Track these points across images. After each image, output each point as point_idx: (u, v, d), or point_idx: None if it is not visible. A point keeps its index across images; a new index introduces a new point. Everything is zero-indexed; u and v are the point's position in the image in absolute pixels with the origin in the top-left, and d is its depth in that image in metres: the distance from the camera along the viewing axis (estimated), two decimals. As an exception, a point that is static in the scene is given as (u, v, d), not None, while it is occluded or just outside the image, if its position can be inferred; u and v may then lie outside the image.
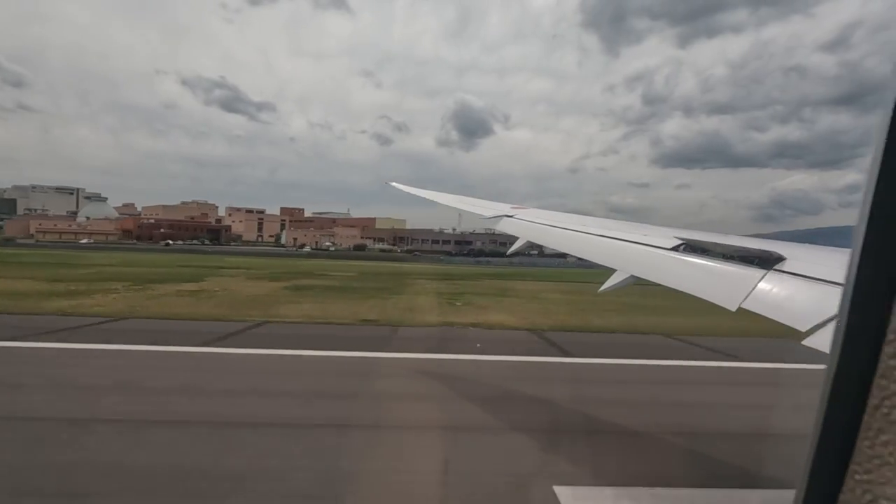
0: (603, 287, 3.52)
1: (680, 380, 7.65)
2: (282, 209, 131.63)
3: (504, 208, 5.39)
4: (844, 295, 0.58)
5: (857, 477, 0.56)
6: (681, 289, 2.75)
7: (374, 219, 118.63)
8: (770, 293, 2.27)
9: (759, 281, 2.32)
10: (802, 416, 0.69)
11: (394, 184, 7.38)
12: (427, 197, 6.49)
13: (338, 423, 5.13)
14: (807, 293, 2.17)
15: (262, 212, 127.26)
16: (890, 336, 0.53)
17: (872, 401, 0.55)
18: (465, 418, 5.42)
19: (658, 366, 8.32)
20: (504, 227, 4.91)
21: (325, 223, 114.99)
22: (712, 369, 8.37)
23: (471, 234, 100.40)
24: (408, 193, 7.10)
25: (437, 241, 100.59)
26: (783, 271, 2.39)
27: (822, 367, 0.62)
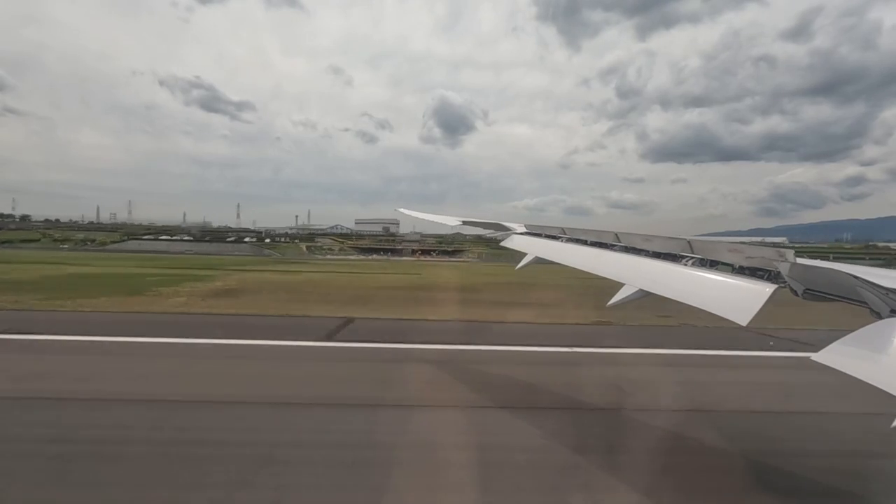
0: (612, 301, 3.55)
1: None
2: None
3: (515, 227, 5.48)
4: None
5: None
6: (691, 303, 2.78)
7: None
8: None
9: (770, 296, 2.34)
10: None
11: (402, 210, 7.64)
12: (433, 220, 6.72)
13: None
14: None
15: None
16: None
17: None
18: None
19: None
20: (512, 243, 4.99)
21: None
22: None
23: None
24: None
25: None
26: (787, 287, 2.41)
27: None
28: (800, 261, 2.47)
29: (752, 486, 3.79)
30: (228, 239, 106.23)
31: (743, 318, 2.37)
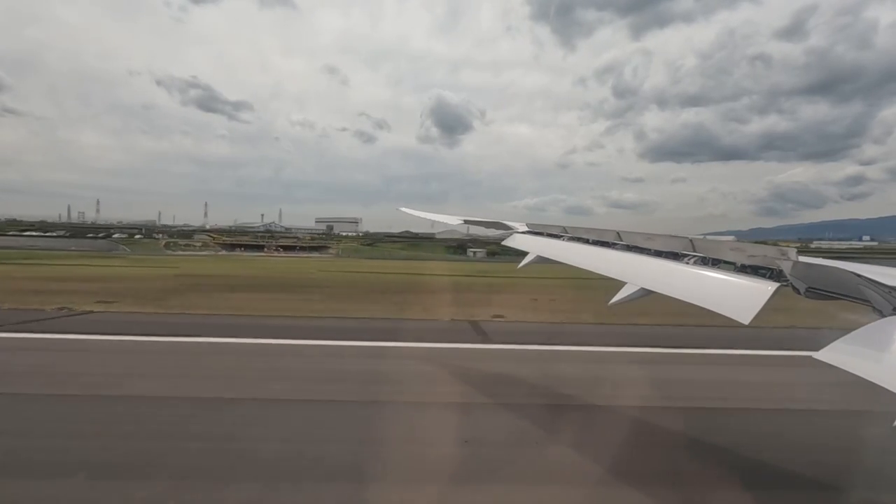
0: (613, 300, 3.55)
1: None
2: None
3: (516, 226, 5.46)
4: None
5: None
6: (694, 302, 2.78)
7: None
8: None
9: (772, 294, 2.34)
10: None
11: (404, 209, 7.62)
12: (435, 219, 6.71)
13: None
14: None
15: None
16: None
17: None
18: None
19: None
20: (514, 242, 4.99)
21: None
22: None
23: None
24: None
25: None
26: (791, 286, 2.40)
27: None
28: (802, 259, 2.47)
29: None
30: (89, 235, 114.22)
31: (745, 317, 2.36)
